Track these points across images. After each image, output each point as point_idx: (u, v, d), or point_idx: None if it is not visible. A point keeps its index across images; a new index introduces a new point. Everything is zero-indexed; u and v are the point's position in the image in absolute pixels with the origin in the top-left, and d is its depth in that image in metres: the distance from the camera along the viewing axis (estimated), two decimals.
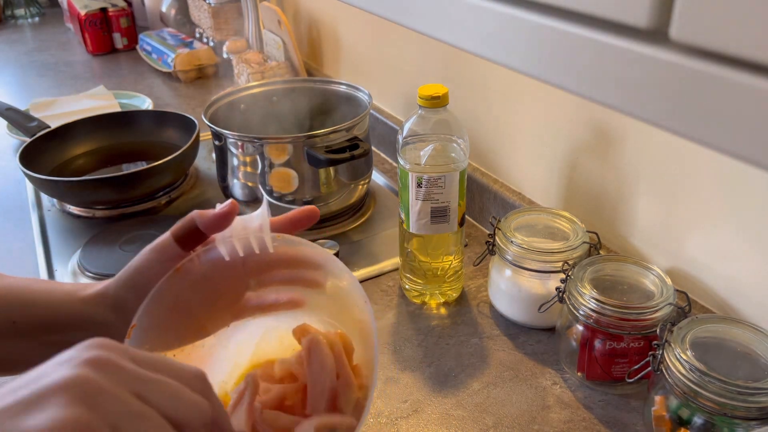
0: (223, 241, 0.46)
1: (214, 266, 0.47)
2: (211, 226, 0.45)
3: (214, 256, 0.47)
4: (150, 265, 0.46)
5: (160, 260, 0.46)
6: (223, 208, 0.45)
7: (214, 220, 0.45)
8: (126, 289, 0.46)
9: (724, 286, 0.66)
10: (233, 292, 0.49)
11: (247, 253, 0.47)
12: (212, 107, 0.99)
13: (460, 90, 0.96)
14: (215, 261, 0.47)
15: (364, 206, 1.03)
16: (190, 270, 0.46)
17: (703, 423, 0.54)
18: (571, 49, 0.30)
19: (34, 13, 2.29)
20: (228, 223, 0.46)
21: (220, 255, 0.46)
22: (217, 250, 0.46)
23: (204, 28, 1.67)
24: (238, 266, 0.47)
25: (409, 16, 0.41)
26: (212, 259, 0.47)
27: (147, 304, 0.44)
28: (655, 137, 0.69)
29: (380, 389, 0.68)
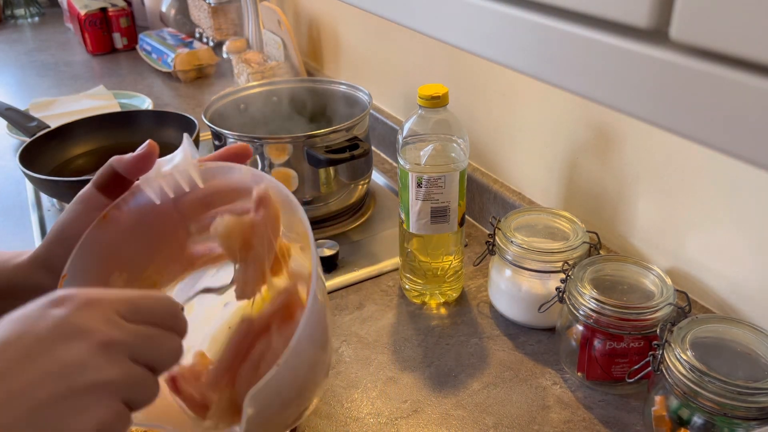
0: (147, 183, 0.45)
1: (143, 212, 0.45)
2: (131, 169, 0.44)
3: (142, 200, 0.45)
4: (76, 217, 0.45)
5: (85, 210, 0.44)
6: (142, 149, 0.44)
7: (134, 162, 0.44)
8: (56, 245, 0.45)
9: (724, 286, 0.66)
10: (173, 239, 0.48)
11: (176, 193, 0.45)
12: (212, 107, 0.99)
13: (460, 90, 0.96)
14: (144, 206, 0.45)
15: (364, 206, 1.03)
16: (117, 218, 0.45)
17: (703, 423, 0.54)
18: (571, 49, 0.30)
19: (34, 13, 2.29)
20: (149, 164, 0.44)
21: (148, 200, 0.45)
22: (144, 194, 0.45)
23: (204, 28, 1.67)
24: (171, 210, 0.46)
25: (409, 15, 0.41)
26: (141, 204, 0.45)
27: (75, 253, 0.43)
28: (655, 137, 0.69)
29: (380, 389, 0.68)
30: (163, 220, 0.46)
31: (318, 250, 0.87)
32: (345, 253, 0.91)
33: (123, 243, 0.45)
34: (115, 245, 0.45)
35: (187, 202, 0.46)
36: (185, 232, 0.48)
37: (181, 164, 0.44)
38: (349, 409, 0.66)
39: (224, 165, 0.45)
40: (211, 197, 0.46)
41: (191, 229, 0.48)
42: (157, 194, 0.45)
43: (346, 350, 0.73)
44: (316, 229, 0.97)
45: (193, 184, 0.45)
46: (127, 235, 0.45)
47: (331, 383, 0.69)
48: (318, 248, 0.87)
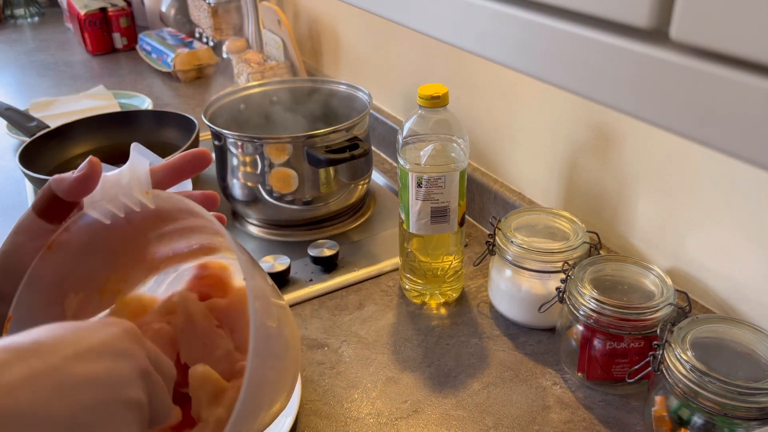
0: (92, 206, 0.41)
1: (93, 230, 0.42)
2: (72, 192, 0.41)
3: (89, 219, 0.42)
4: (18, 248, 0.42)
5: (28, 240, 0.42)
6: (82, 170, 0.40)
7: (74, 185, 0.40)
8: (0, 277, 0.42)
9: (724, 286, 0.66)
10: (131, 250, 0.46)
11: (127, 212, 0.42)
12: (212, 107, 0.99)
13: (460, 90, 0.96)
14: (93, 225, 0.42)
15: (364, 206, 1.03)
16: (66, 242, 0.42)
17: (704, 423, 0.54)
18: (571, 49, 0.29)
19: (34, 13, 2.29)
20: (92, 185, 0.41)
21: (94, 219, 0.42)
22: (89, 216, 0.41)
23: (204, 27, 1.67)
24: (123, 225, 0.43)
25: (409, 15, 0.41)
26: (88, 223, 0.42)
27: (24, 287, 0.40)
28: (655, 137, 0.69)
29: (380, 389, 0.68)
30: (115, 234, 0.43)
31: (318, 250, 0.87)
32: (345, 253, 0.91)
33: (75, 265, 0.43)
34: (65, 269, 0.42)
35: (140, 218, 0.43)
36: (143, 239, 0.46)
37: (128, 187, 0.41)
38: (349, 409, 0.66)
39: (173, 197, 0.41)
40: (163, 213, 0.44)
41: (150, 237, 0.46)
42: (105, 215, 0.42)
43: (346, 350, 0.73)
44: (316, 230, 0.97)
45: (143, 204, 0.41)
46: (79, 256, 0.43)
47: (331, 383, 0.69)
48: (318, 248, 0.87)
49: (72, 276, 0.43)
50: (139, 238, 0.45)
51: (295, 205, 0.93)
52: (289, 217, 0.95)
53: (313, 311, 0.80)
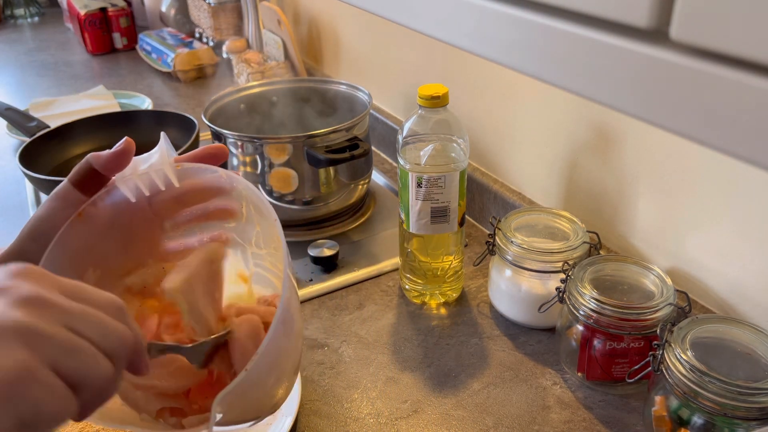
0: (123, 181, 0.45)
1: (119, 209, 0.45)
2: (108, 166, 0.44)
3: (118, 198, 0.45)
4: (52, 213, 0.44)
5: (62, 207, 0.44)
6: (119, 146, 0.44)
7: (111, 159, 0.43)
8: (29, 241, 0.44)
9: (724, 286, 0.66)
10: (147, 236, 0.48)
11: (152, 191, 0.45)
12: (212, 107, 0.99)
13: (460, 90, 0.96)
14: (120, 204, 0.45)
15: (364, 206, 1.03)
16: (93, 215, 0.45)
17: (703, 423, 0.54)
18: (571, 49, 0.29)
19: (34, 12, 2.29)
20: (126, 161, 0.44)
21: (123, 197, 0.45)
22: (119, 192, 0.45)
23: (204, 27, 1.67)
24: (145, 208, 0.46)
25: (409, 14, 0.41)
26: (116, 201, 0.45)
27: (50, 250, 0.43)
28: (655, 137, 0.69)
29: (380, 389, 0.68)
30: (137, 217, 0.46)
31: (318, 250, 0.87)
32: (345, 253, 0.91)
33: (98, 240, 0.45)
34: (90, 242, 0.45)
35: (162, 201, 0.46)
36: (159, 229, 0.48)
37: (158, 163, 0.45)
38: (349, 409, 0.66)
39: (200, 166, 0.45)
40: (185, 195, 0.47)
41: (165, 226, 0.48)
42: (132, 192, 0.45)
43: (346, 350, 0.73)
44: (316, 230, 0.97)
45: (169, 182, 0.45)
46: (103, 232, 0.45)
47: (331, 383, 0.69)
48: (318, 248, 0.87)
49: (94, 251, 0.45)
50: (155, 227, 0.48)
51: (295, 205, 0.93)
52: (289, 217, 0.95)
53: (313, 311, 0.80)
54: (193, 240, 0.49)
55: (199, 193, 0.47)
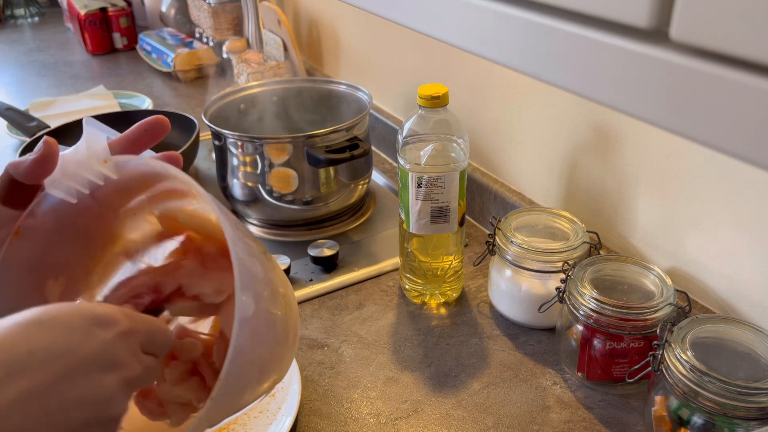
0: (54, 186, 0.41)
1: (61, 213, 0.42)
2: (31, 175, 0.39)
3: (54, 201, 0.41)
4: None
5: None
6: (39, 152, 0.39)
7: (32, 167, 0.39)
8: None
9: (724, 286, 0.66)
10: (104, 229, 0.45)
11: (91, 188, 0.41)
12: (212, 107, 0.99)
13: (460, 90, 0.96)
14: (60, 208, 0.41)
15: (364, 206, 1.03)
16: (33, 227, 0.41)
17: (703, 423, 0.54)
18: (570, 49, 0.29)
19: (34, 12, 2.29)
20: (51, 165, 0.40)
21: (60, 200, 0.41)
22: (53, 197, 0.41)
23: (204, 27, 1.67)
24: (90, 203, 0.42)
25: (409, 15, 0.41)
26: (55, 206, 0.41)
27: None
28: (655, 137, 0.69)
29: (380, 389, 0.68)
30: (84, 213, 0.43)
31: (318, 250, 0.87)
32: (345, 253, 0.91)
33: (47, 247, 0.42)
34: (37, 255, 0.42)
35: (105, 194, 0.43)
36: (112, 216, 0.45)
37: (86, 160, 0.40)
38: (349, 409, 0.66)
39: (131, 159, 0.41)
40: (128, 184, 0.43)
41: (119, 213, 0.45)
42: (69, 194, 0.41)
43: (346, 350, 0.73)
44: (316, 230, 0.97)
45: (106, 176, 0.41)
46: (49, 240, 0.42)
47: (331, 383, 0.69)
48: (318, 248, 0.87)
49: (46, 261, 0.42)
50: (109, 216, 0.44)
51: (295, 205, 0.93)
52: (289, 217, 0.95)
53: (313, 311, 0.80)
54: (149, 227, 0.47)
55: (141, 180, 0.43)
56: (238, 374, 0.36)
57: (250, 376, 0.39)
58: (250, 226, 0.99)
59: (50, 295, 0.43)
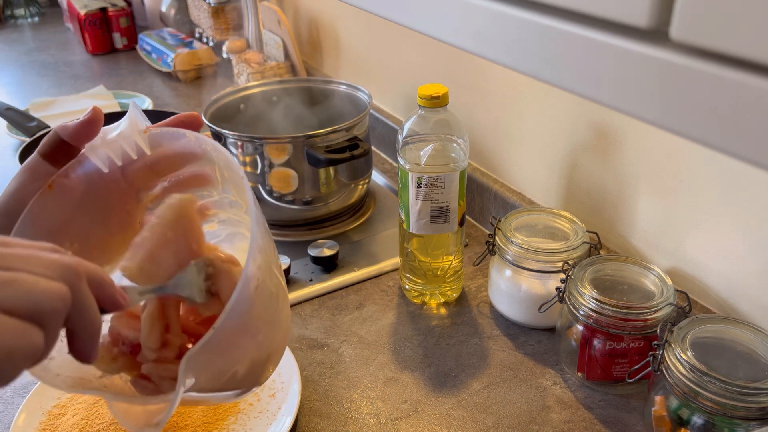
0: (93, 151, 0.44)
1: (91, 180, 0.44)
2: (76, 136, 0.43)
3: (89, 169, 0.44)
4: (22, 187, 0.43)
5: (30, 180, 0.43)
6: (86, 115, 0.43)
7: (79, 129, 0.43)
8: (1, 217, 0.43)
9: (724, 286, 0.66)
10: (123, 207, 0.47)
11: (124, 161, 0.44)
12: (212, 107, 0.99)
13: (460, 90, 0.96)
14: (92, 175, 0.44)
15: (364, 206, 1.03)
16: (65, 186, 0.43)
17: (703, 423, 0.54)
18: (571, 49, 0.30)
19: (34, 12, 2.29)
20: (94, 131, 0.43)
21: (95, 168, 0.44)
22: (91, 163, 0.44)
23: (204, 28, 1.67)
24: (119, 178, 0.45)
25: (409, 15, 0.41)
26: (88, 172, 0.44)
27: (20, 223, 0.42)
28: (655, 137, 0.69)
29: (380, 389, 0.68)
30: (111, 188, 0.45)
31: (318, 250, 0.87)
32: (345, 253, 0.91)
33: (72, 212, 0.44)
34: (63, 215, 0.44)
35: (135, 170, 0.45)
36: (135, 199, 0.47)
37: (127, 131, 0.43)
38: (349, 409, 0.66)
39: (169, 130, 0.44)
40: (158, 164, 0.45)
41: (141, 197, 0.47)
42: (104, 162, 0.44)
43: (346, 350, 0.73)
44: (316, 230, 0.97)
45: (141, 151, 0.44)
46: (76, 205, 0.44)
47: (331, 383, 0.69)
48: (318, 248, 0.87)
49: (69, 224, 0.44)
50: (131, 197, 0.47)
51: (295, 205, 0.93)
52: (289, 217, 0.95)
53: (313, 311, 0.80)
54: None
55: (171, 160, 0.45)
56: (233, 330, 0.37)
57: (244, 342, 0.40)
58: None
59: None
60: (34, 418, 0.64)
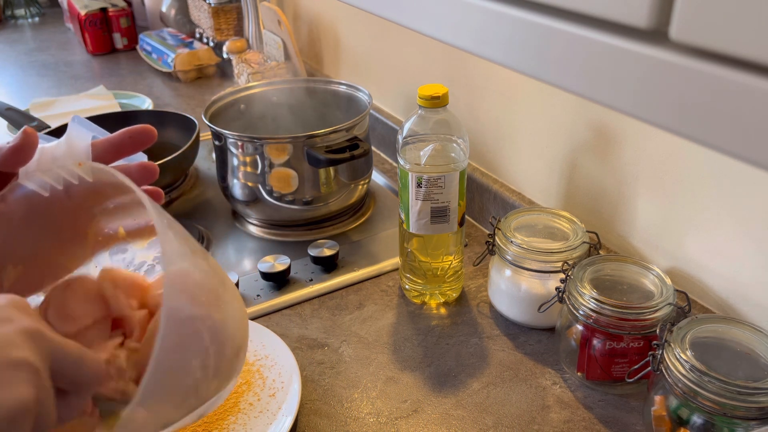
0: (27, 177, 0.41)
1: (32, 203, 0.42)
2: (7, 162, 0.40)
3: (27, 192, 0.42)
4: None
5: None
6: (17, 141, 0.39)
7: (7, 156, 0.40)
8: None
9: (724, 286, 0.66)
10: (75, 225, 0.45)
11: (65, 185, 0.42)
12: (212, 107, 0.99)
13: (460, 90, 0.96)
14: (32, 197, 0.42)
15: (364, 206, 1.03)
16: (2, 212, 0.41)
17: (703, 423, 0.54)
18: (570, 49, 0.30)
19: (34, 13, 2.29)
20: (28, 155, 0.40)
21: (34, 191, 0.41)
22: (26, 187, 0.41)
23: (204, 28, 1.67)
24: (63, 198, 0.43)
25: (409, 15, 0.41)
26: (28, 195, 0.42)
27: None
28: (655, 137, 0.69)
29: (380, 389, 0.68)
30: (56, 207, 0.43)
31: (318, 250, 0.87)
32: (345, 253, 0.91)
33: (14, 235, 0.42)
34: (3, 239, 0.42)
35: (79, 193, 0.43)
36: (87, 215, 0.45)
37: (63, 159, 0.41)
38: (349, 409, 0.66)
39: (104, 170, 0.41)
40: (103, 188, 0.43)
41: (94, 212, 0.45)
42: (42, 187, 0.42)
43: (346, 350, 0.73)
44: (316, 230, 0.97)
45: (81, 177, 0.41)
46: (18, 227, 0.42)
47: (331, 383, 0.69)
48: (318, 248, 0.87)
49: (10, 248, 0.43)
50: (82, 213, 0.45)
51: (295, 205, 0.93)
52: (289, 217, 0.95)
53: (313, 311, 0.80)
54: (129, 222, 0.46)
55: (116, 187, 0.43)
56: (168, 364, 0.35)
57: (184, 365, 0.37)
58: (250, 226, 0.99)
59: (5, 279, 0.43)
60: None
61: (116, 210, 0.46)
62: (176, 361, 0.36)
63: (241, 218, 1.01)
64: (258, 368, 0.69)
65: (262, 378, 0.68)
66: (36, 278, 0.45)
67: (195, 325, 0.37)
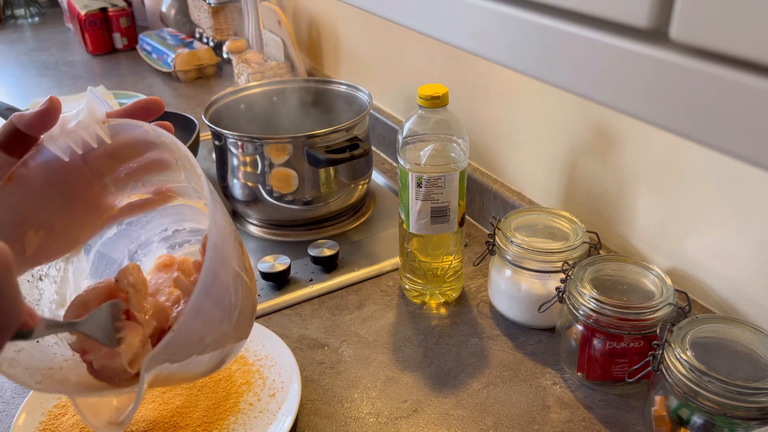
0: (51, 140, 0.44)
1: (52, 168, 0.44)
2: (32, 126, 0.43)
3: (49, 157, 0.44)
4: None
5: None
6: (43, 105, 0.42)
7: (35, 119, 0.42)
8: None
9: (724, 286, 0.66)
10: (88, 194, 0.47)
11: (84, 149, 0.44)
12: (212, 107, 0.99)
13: (460, 90, 0.96)
14: (52, 163, 0.44)
15: (364, 206, 1.03)
16: (25, 176, 0.44)
17: (703, 423, 0.54)
18: (570, 49, 0.30)
19: (34, 13, 2.29)
20: (52, 120, 0.43)
21: (54, 156, 0.44)
22: (50, 151, 0.44)
23: (204, 28, 1.67)
24: (80, 165, 0.45)
25: (409, 15, 0.41)
26: (48, 161, 0.44)
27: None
28: (655, 137, 0.69)
29: (380, 389, 0.68)
30: (73, 175, 0.46)
31: (318, 250, 0.87)
32: (345, 253, 0.91)
33: (34, 201, 0.44)
34: (25, 204, 0.44)
35: (96, 157, 0.45)
36: (99, 184, 0.47)
37: (86, 121, 0.44)
38: (349, 409, 0.66)
39: (127, 122, 0.44)
40: (119, 151, 0.46)
41: (105, 182, 0.47)
42: (63, 151, 0.44)
43: (346, 350, 0.73)
44: (316, 230, 0.97)
45: (100, 139, 0.44)
46: (38, 193, 0.45)
47: (331, 383, 0.69)
48: (318, 248, 0.87)
49: (32, 214, 0.45)
50: (95, 183, 0.47)
51: (295, 205, 0.93)
52: (289, 217, 0.95)
53: (313, 311, 0.80)
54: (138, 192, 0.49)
55: (131, 148, 0.46)
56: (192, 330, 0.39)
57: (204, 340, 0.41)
58: (250, 226, 0.99)
59: (28, 245, 0.45)
60: (34, 418, 0.64)
61: (127, 178, 0.48)
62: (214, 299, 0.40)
63: (241, 218, 1.01)
64: (258, 368, 0.69)
65: (262, 378, 0.68)
66: (52, 248, 0.46)
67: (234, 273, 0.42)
